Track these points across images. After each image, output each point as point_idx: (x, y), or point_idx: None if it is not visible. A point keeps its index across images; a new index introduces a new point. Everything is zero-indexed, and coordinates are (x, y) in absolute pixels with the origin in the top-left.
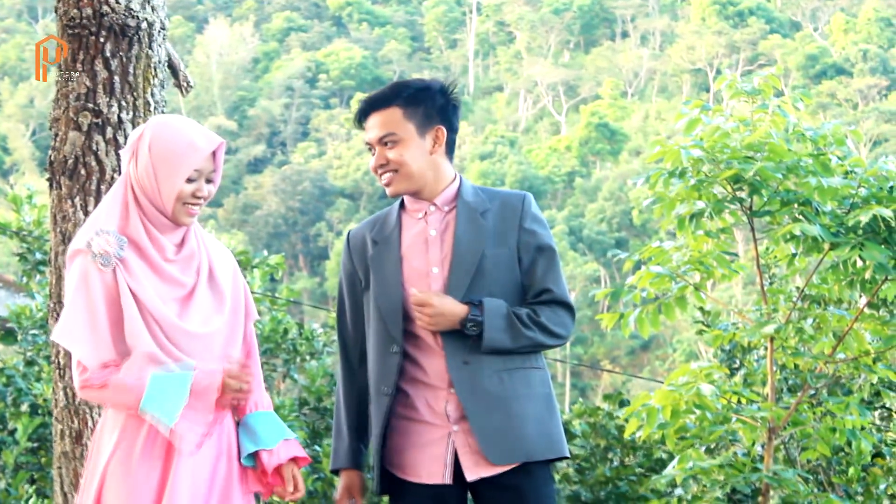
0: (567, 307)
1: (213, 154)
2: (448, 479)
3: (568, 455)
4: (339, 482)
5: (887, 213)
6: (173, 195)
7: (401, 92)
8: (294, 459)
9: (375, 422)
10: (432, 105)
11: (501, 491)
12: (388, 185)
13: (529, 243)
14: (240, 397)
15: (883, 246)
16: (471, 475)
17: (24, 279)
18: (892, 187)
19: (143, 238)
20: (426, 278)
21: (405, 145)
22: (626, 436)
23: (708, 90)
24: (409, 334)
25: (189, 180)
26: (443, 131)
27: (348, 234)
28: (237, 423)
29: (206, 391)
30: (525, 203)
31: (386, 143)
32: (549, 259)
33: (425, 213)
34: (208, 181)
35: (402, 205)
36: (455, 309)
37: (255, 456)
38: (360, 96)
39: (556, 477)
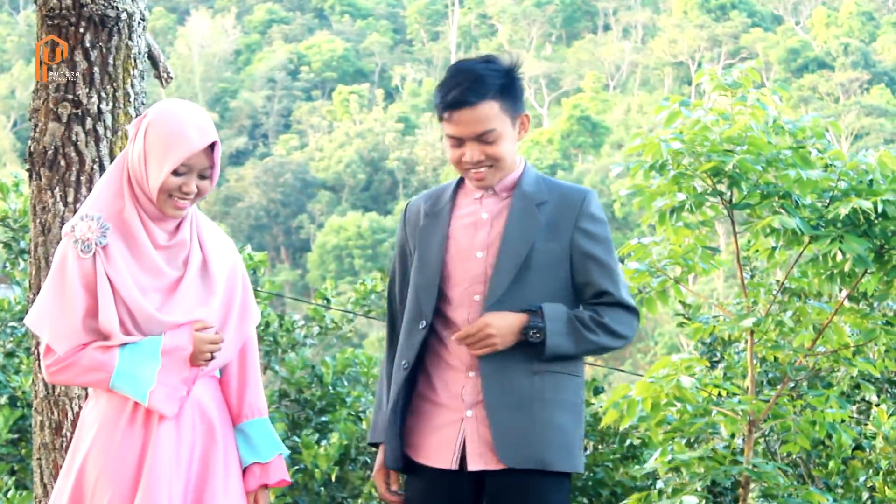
0: (629, 309)
1: (212, 149)
2: (454, 466)
3: (581, 471)
4: (377, 460)
5: (867, 205)
6: (157, 186)
7: (493, 83)
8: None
9: (392, 395)
10: (521, 93)
11: (508, 490)
12: (480, 179)
13: (583, 244)
14: (213, 350)
15: (862, 238)
16: (473, 464)
17: (9, 267)
18: (871, 180)
19: (134, 223)
20: (469, 261)
21: (504, 139)
22: (602, 426)
23: (690, 83)
24: (439, 312)
25: (177, 173)
26: (527, 118)
27: (407, 204)
28: (234, 427)
29: (177, 349)
30: (584, 201)
31: (483, 139)
32: (605, 261)
33: (482, 195)
34: (203, 177)
35: (459, 182)
36: (513, 321)
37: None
38: (341, 88)
39: None
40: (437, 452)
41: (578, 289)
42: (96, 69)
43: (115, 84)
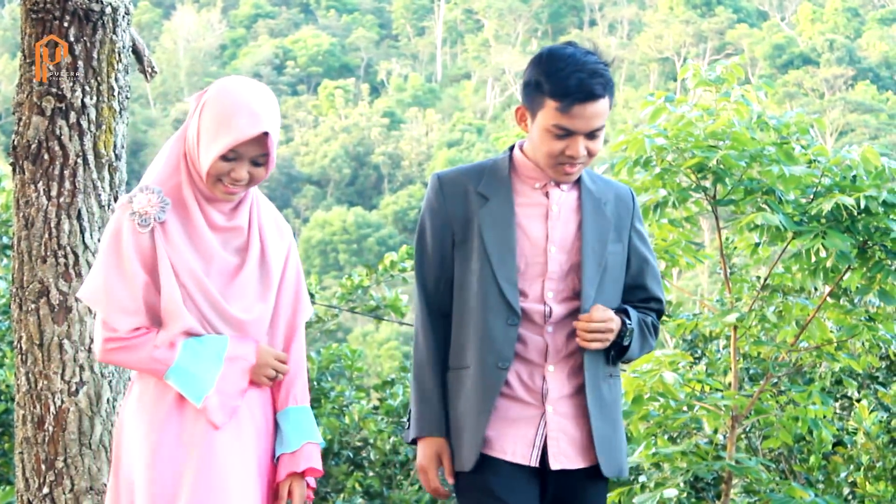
0: (661, 316)
1: (267, 136)
2: (535, 462)
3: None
4: (425, 449)
5: (849, 201)
6: (205, 170)
7: (611, 79)
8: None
9: (478, 397)
10: None
11: (573, 490)
12: (570, 174)
13: (638, 246)
14: (278, 370)
15: (845, 234)
16: (556, 462)
17: None
18: (854, 176)
19: (190, 201)
20: (541, 255)
21: (602, 136)
22: None
23: (675, 79)
24: None
25: (226, 159)
26: None
27: (438, 177)
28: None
29: (241, 358)
30: (635, 200)
31: (593, 135)
32: (655, 265)
33: (545, 184)
34: (257, 164)
35: (510, 165)
36: (617, 321)
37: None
38: (327, 83)
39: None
40: (513, 447)
41: (625, 290)
42: (80, 63)
43: (99, 78)
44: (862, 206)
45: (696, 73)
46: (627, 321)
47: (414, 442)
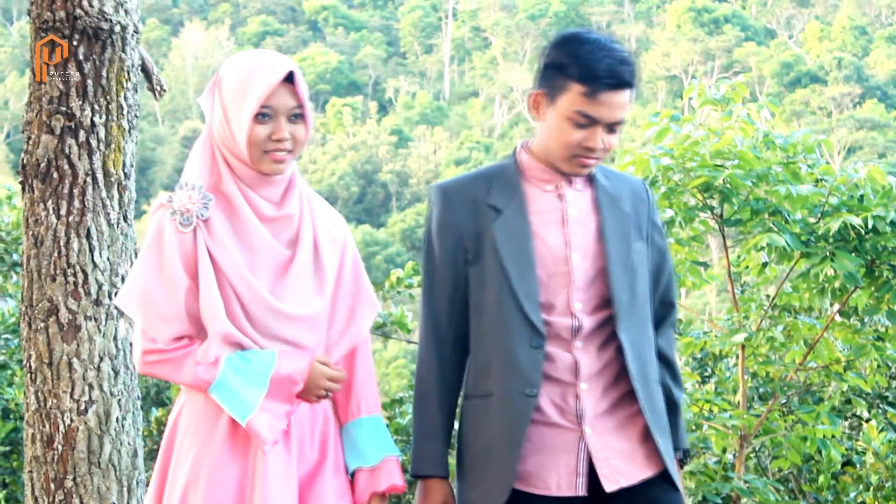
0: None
1: (294, 87)
2: (583, 491)
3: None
4: (427, 493)
5: (857, 221)
6: (244, 138)
7: (636, 70)
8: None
9: (506, 428)
10: None
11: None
12: (587, 166)
13: (658, 242)
14: (330, 389)
15: (853, 254)
16: (611, 484)
17: (1, 280)
18: (861, 195)
19: (235, 195)
20: (564, 264)
21: (620, 131)
22: None
23: (682, 97)
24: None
25: (262, 119)
26: None
27: (442, 189)
28: (340, 426)
29: (288, 380)
30: (651, 194)
31: (614, 127)
32: (670, 264)
33: (556, 187)
34: (294, 121)
35: (517, 170)
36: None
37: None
38: (335, 101)
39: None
40: (557, 479)
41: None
42: (89, 81)
43: (108, 96)
44: (869, 226)
45: (702, 93)
46: (684, 452)
47: (415, 478)
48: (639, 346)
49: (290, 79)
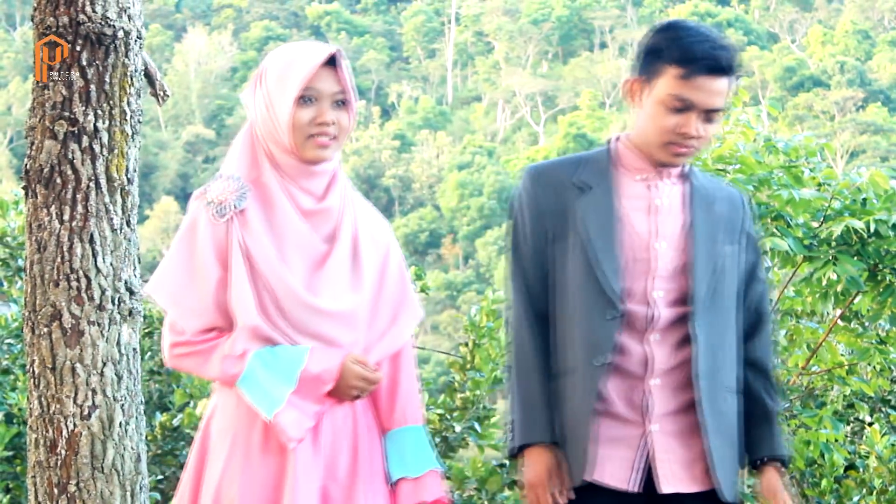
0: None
1: (338, 73)
2: (635, 488)
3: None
4: (535, 459)
5: (859, 225)
6: (287, 121)
7: (737, 58)
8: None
9: (581, 397)
10: None
11: None
12: (682, 155)
13: (750, 252)
14: (363, 389)
15: (856, 258)
16: (667, 485)
17: (5, 285)
18: (864, 199)
19: (274, 187)
20: (646, 251)
21: (718, 122)
22: None
23: None
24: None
25: (305, 100)
26: None
27: (531, 169)
28: (382, 434)
29: (317, 379)
30: (749, 203)
31: (711, 116)
32: (763, 277)
33: (648, 176)
34: (338, 106)
35: (609, 156)
36: (782, 484)
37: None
38: None
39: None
40: (611, 469)
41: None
42: (93, 87)
43: (111, 102)
44: (872, 230)
45: None
46: (783, 461)
47: (515, 456)
48: (715, 347)
49: (334, 65)
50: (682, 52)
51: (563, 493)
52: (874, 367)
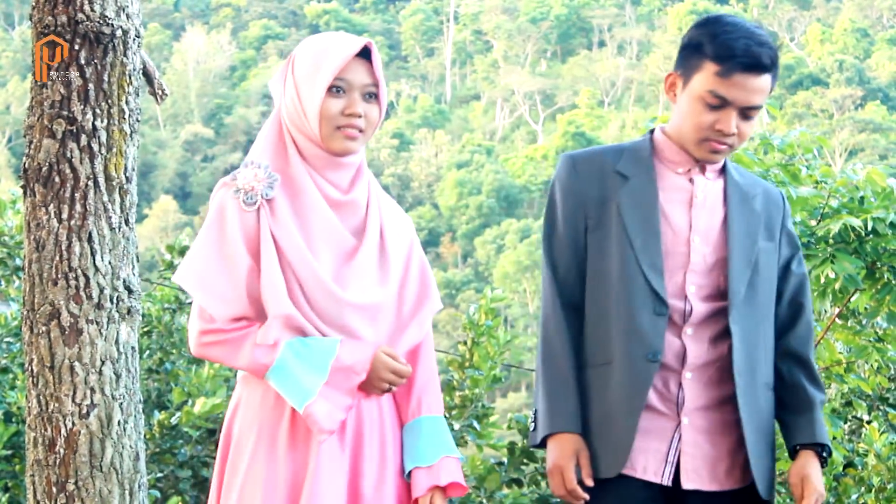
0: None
1: (370, 65)
2: (667, 480)
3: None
4: (559, 446)
5: (857, 222)
6: (316, 111)
7: (778, 55)
8: (447, 485)
9: (626, 393)
10: None
11: None
12: (719, 152)
13: (788, 250)
14: (393, 382)
15: (853, 256)
16: (689, 482)
17: (3, 284)
18: (862, 197)
19: (302, 178)
20: (683, 245)
21: (756, 120)
22: None
23: None
24: None
25: (335, 92)
26: None
27: (571, 157)
28: (401, 426)
29: (349, 371)
30: (786, 202)
31: (748, 113)
32: (802, 267)
33: (688, 170)
34: (368, 99)
35: (651, 146)
36: (819, 471)
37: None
38: None
39: (524, 480)
40: (645, 462)
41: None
42: (91, 86)
43: (109, 101)
44: (869, 228)
45: None
46: (825, 449)
47: (542, 444)
48: (752, 344)
49: (366, 56)
50: (720, 48)
51: (587, 479)
52: (872, 366)
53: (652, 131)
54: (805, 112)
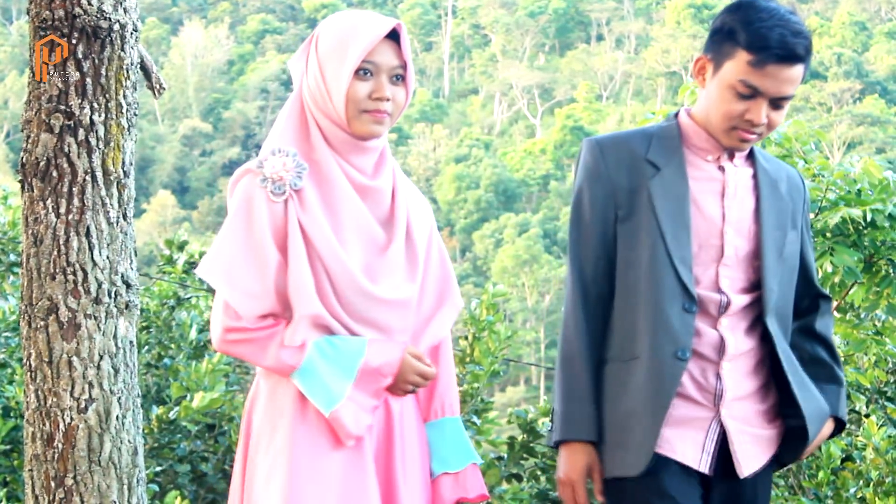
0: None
1: (398, 47)
2: (705, 468)
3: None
4: (572, 457)
5: (857, 213)
6: (342, 94)
7: (811, 44)
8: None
9: (652, 391)
10: None
11: (753, 487)
12: (747, 141)
13: (807, 236)
14: (418, 384)
15: (852, 249)
16: (747, 468)
17: None
18: (859, 190)
19: (329, 163)
20: (716, 237)
21: (786, 109)
22: None
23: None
24: None
25: (362, 75)
26: None
27: (597, 142)
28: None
29: (376, 373)
30: (805, 185)
31: (779, 102)
32: (814, 255)
33: (718, 157)
34: (395, 81)
35: (678, 131)
36: (826, 433)
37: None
38: None
39: (523, 475)
40: (682, 447)
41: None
42: (89, 80)
43: (107, 95)
44: (868, 220)
45: (693, 94)
46: (840, 420)
47: (557, 446)
48: (784, 332)
49: (394, 38)
50: (754, 37)
51: (598, 495)
52: (870, 359)
53: (676, 114)
54: (803, 105)
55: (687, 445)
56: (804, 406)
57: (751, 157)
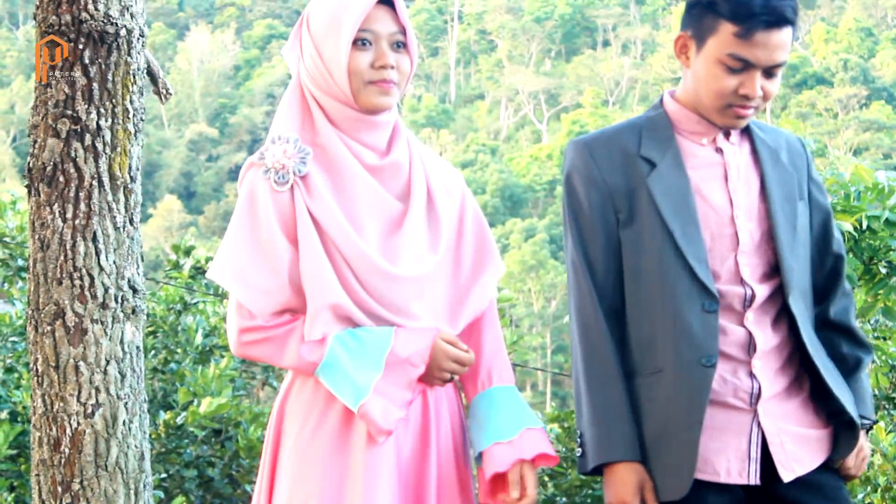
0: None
1: (395, 12)
2: (755, 479)
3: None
4: (620, 478)
5: (847, 226)
6: (343, 67)
7: (797, 3)
8: (536, 457)
9: (682, 405)
10: None
11: (815, 490)
12: (743, 117)
13: (819, 199)
14: (455, 371)
15: (850, 255)
16: (788, 473)
17: (6, 285)
18: (847, 195)
19: (334, 146)
20: (729, 225)
21: (781, 75)
22: None
23: None
24: None
25: (361, 43)
26: None
27: (584, 142)
28: (465, 406)
29: (405, 363)
30: (807, 148)
31: (772, 71)
32: (832, 217)
33: (713, 139)
34: (397, 48)
35: (667, 120)
36: (867, 443)
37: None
38: None
39: None
40: (726, 464)
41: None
42: (95, 85)
43: (114, 100)
44: (864, 226)
45: None
46: (865, 420)
47: (594, 471)
48: (805, 318)
49: (389, 4)
50: (737, 6)
51: None
52: (874, 362)
53: (662, 101)
54: (809, 111)
55: (731, 459)
56: (838, 393)
57: (746, 130)
